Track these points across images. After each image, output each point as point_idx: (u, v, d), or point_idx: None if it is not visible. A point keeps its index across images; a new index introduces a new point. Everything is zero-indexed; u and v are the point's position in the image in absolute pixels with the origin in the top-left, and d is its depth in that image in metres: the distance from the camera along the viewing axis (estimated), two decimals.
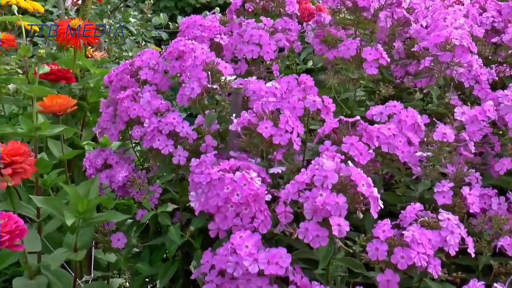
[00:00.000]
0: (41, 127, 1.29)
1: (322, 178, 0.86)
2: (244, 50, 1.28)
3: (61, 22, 1.56)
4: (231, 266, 0.88)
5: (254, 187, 0.93)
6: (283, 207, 0.91)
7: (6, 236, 0.88)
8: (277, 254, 0.88)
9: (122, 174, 1.17)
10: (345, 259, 0.94)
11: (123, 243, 1.18)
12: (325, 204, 0.85)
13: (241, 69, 1.29)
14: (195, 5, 4.61)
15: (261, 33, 1.28)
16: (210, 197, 0.94)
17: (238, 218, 0.94)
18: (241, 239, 0.89)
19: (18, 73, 1.98)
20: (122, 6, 2.60)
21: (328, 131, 1.03)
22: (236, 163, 0.99)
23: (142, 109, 1.14)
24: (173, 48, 1.21)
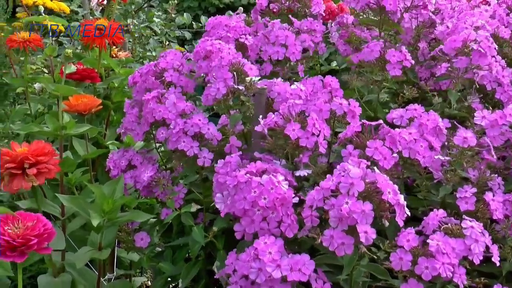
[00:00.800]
0: (67, 126, 1.30)
1: (348, 186, 0.85)
2: (270, 51, 1.27)
3: (87, 22, 1.57)
4: (253, 272, 0.88)
5: (281, 191, 0.92)
6: (309, 211, 0.90)
7: (34, 240, 0.87)
8: (300, 261, 0.88)
9: (147, 174, 1.18)
10: (369, 266, 0.93)
11: (146, 242, 1.19)
12: (351, 212, 0.84)
13: (266, 70, 1.29)
14: (218, 5, 4.62)
15: (287, 34, 1.28)
16: (236, 200, 0.94)
17: (265, 222, 0.93)
18: (265, 245, 0.89)
19: (44, 72, 2.00)
20: (146, 6, 2.61)
21: (351, 135, 1.02)
22: (263, 165, 0.98)
23: (168, 111, 1.14)
24: (200, 48, 1.21)
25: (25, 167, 1.13)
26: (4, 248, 0.87)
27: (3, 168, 1.13)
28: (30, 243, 0.87)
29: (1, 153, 1.16)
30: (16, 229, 0.89)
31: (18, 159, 1.13)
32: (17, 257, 0.87)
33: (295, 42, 1.28)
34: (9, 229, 0.88)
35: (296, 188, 1.01)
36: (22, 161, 1.13)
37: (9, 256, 0.87)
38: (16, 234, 0.87)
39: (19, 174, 1.13)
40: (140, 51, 2.33)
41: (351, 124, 1.04)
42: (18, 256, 0.87)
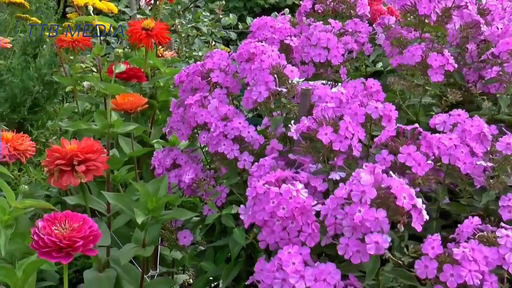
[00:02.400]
0: (114, 124, 1.33)
1: (359, 193, 0.84)
2: (312, 53, 1.27)
3: (134, 22, 1.60)
4: (277, 283, 0.86)
5: (300, 200, 0.91)
6: (333, 219, 0.88)
7: (80, 241, 0.88)
8: (325, 270, 0.86)
9: (189, 176, 1.19)
10: (395, 271, 0.91)
11: (189, 240, 1.20)
12: (364, 220, 0.82)
13: (308, 72, 1.29)
14: (263, 6, 4.62)
15: (328, 37, 1.27)
16: (256, 211, 0.93)
17: (285, 232, 0.92)
18: (288, 255, 0.87)
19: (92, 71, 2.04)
20: (192, 6, 2.63)
21: (385, 140, 1.01)
22: (283, 174, 0.97)
23: (210, 115, 1.15)
24: (243, 50, 1.21)
25: (74, 164, 1.16)
26: (51, 249, 0.88)
27: (53, 165, 1.16)
28: (76, 245, 0.88)
29: (51, 150, 1.19)
30: (62, 229, 0.89)
31: (68, 156, 1.15)
32: (63, 258, 0.88)
33: (337, 44, 1.27)
34: (56, 230, 0.88)
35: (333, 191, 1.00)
36: (71, 158, 1.15)
37: (55, 257, 0.88)
38: (62, 235, 0.88)
39: (68, 171, 1.16)
40: (186, 51, 2.35)
41: (386, 129, 1.02)
42: (64, 257, 0.88)
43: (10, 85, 2.03)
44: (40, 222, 0.90)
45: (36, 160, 1.96)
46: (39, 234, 0.88)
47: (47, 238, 0.87)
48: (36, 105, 2.09)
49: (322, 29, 1.30)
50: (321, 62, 1.27)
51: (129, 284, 1.29)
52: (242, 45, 1.23)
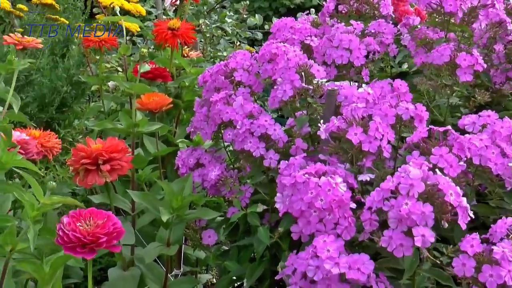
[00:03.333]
0: (139, 124, 1.34)
1: (408, 186, 0.85)
2: (334, 55, 1.26)
3: (160, 22, 1.61)
4: (311, 270, 0.88)
5: (338, 193, 0.92)
6: (369, 214, 0.90)
7: (103, 238, 0.89)
8: (359, 260, 0.87)
9: (214, 173, 1.19)
10: (432, 270, 0.91)
11: (213, 240, 1.20)
12: (410, 213, 0.83)
13: (330, 74, 1.28)
14: (289, 6, 4.62)
15: (350, 38, 1.26)
16: (294, 201, 0.94)
17: (321, 224, 0.93)
18: (324, 243, 0.89)
19: (117, 71, 2.06)
20: (218, 6, 2.64)
21: (417, 140, 1.00)
22: (322, 167, 0.98)
23: (235, 113, 1.15)
24: (265, 50, 1.21)
25: (99, 163, 1.17)
26: (75, 244, 0.89)
27: (79, 164, 1.17)
28: (99, 241, 0.89)
29: (77, 149, 1.20)
30: (87, 226, 0.90)
31: (93, 155, 1.17)
32: (87, 253, 0.89)
33: (359, 46, 1.26)
34: (80, 226, 0.90)
35: (360, 191, 1.00)
36: (96, 157, 1.17)
37: (79, 253, 0.89)
38: (86, 232, 0.89)
39: (94, 170, 1.17)
40: (211, 51, 2.36)
41: (418, 129, 1.02)
42: (88, 253, 0.89)
43: (39, 85, 2.06)
44: (66, 218, 0.91)
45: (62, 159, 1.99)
46: (64, 230, 0.90)
47: (71, 234, 0.89)
48: (64, 105, 2.12)
49: (344, 31, 1.29)
50: (343, 64, 1.27)
51: (153, 282, 1.30)
52: (264, 46, 1.24)
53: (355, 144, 0.97)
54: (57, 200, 0.95)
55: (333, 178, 0.93)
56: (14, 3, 2.26)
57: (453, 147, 0.97)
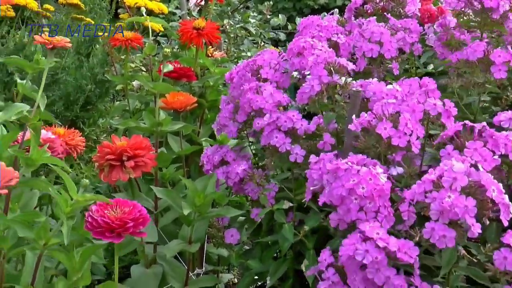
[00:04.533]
0: (162, 122, 1.35)
1: (451, 180, 0.85)
2: (364, 48, 1.26)
3: (185, 22, 1.61)
4: (360, 253, 0.88)
5: (379, 182, 0.92)
6: (407, 205, 0.90)
7: (131, 223, 0.93)
8: (406, 245, 0.88)
9: (241, 168, 1.20)
10: (468, 269, 0.90)
11: (236, 239, 1.20)
12: (453, 205, 0.83)
13: (360, 65, 1.27)
14: (313, 7, 4.61)
15: (382, 31, 1.26)
16: (334, 187, 0.94)
17: (362, 212, 0.93)
18: (371, 228, 0.89)
19: (142, 70, 2.07)
20: (241, 7, 2.65)
21: (452, 134, 1.00)
22: (364, 158, 0.99)
23: (265, 101, 1.15)
24: (293, 45, 1.21)
25: (123, 160, 1.18)
26: (104, 229, 0.94)
27: (104, 160, 1.19)
28: (127, 226, 0.94)
29: (102, 146, 1.21)
30: (114, 213, 0.95)
31: (118, 151, 1.18)
32: (115, 238, 0.94)
33: (390, 39, 1.26)
34: (108, 213, 0.94)
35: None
36: (121, 154, 1.18)
37: (108, 237, 0.94)
38: (114, 217, 0.94)
39: (118, 166, 1.18)
40: (235, 51, 2.36)
41: (449, 125, 1.01)
42: (116, 237, 0.94)
43: (64, 84, 2.08)
44: (94, 207, 0.96)
45: (87, 157, 2.01)
46: (93, 216, 0.95)
47: (100, 219, 0.94)
48: (88, 103, 2.13)
49: (375, 24, 1.29)
50: (372, 58, 1.26)
51: (175, 280, 1.30)
52: (293, 40, 1.24)
53: (384, 139, 0.97)
54: (89, 197, 0.97)
55: (375, 168, 0.94)
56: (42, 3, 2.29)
57: (487, 143, 0.96)
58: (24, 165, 0.99)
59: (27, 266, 1.01)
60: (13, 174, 0.91)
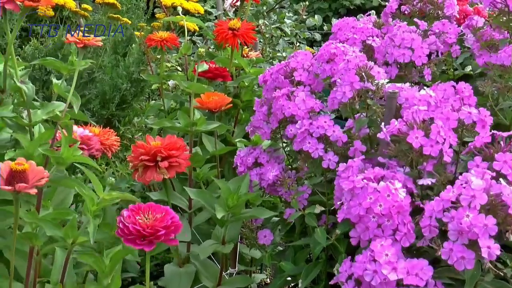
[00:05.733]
0: (197, 122, 1.35)
1: (469, 198, 0.82)
2: (395, 54, 1.24)
3: (221, 22, 1.62)
4: (369, 274, 0.87)
5: (397, 199, 0.90)
6: (428, 221, 0.87)
7: (162, 231, 0.92)
8: (417, 265, 0.86)
9: (273, 173, 1.19)
10: (495, 282, 0.88)
11: (269, 240, 1.20)
12: (472, 226, 0.80)
13: (391, 73, 1.26)
14: (349, 7, 4.58)
15: (413, 37, 1.24)
16: (352, 206, 0.93)
17: (380, 229, 0.92)
18: (381, 247, 0.88)
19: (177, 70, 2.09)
20: (277, 7, 2.64)
21: (480, 146, 0.97)
22: (381, 172, 0.97)
23: (297, 108, 1.15)
24: (324, 51, 1.20)
25: (157, 160, 1.19)
26: (135, 236, 0.92)
27: (138, 160, 1.20)
28: (158, 234, 0.92)
29: (136, 146, 1.22)
30: (146, 219, 0.93)
31: (152, 152, 1.19)
32: (146, 245, 0.92)
33: (422, 45, 1.24)
34: (139, 219, 0.93)
35: (420, 196, 0.98)
36: (155, 154, 1.19)
37: (139, 244, 0.92)
38: (146, 224, 0.92)
39: (152, 166, 1.19)
40: (270, 51, 2.36)
41: (481, 134, 0.98)
42: (147, 245, 0.92)
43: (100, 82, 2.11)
44: (126, 212, 0.94)
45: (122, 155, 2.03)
46: (124, 223, 0.93)
47: (131, 226, 0.92)
48: (124, 102, 2.16)
49: (406, 30, 1.27)
50: (404, 63, 1.25)
51: (208, 280, 1.31)
52: (323, 46, 1.23)
53: (415, 148, 0.95)
54: (116, 195, 0.97)
55: (392, 183, 0.92)
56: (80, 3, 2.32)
57: None
58: (55, 164, 1.01)
59: (56, 264, 1.03)
60: (43, 173, 0.91)
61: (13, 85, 1.04)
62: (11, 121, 1.08)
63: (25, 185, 0.87)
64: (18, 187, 0.87)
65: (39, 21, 2.32)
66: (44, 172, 0.92)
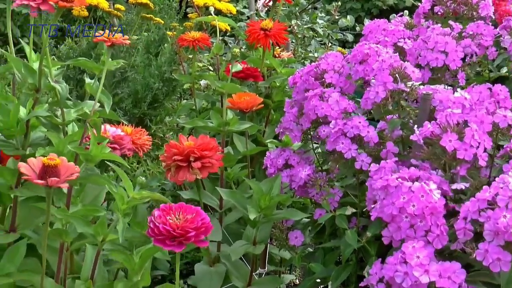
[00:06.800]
0: (230, 122, 1.36)
1: (506, 199, 0.81)
2: (428, 57, 1.22)
3: (253, 23, 1.62)
4: (399, 276, 0.86)
5: (431, 200, 0.89)
6: (463, 223, 0.86)
7: (192, 232, 0.91)
8: (450, 268, 0.84)
9: (304, 173, 1.19)
10: None
11: (300, 241, 1.20)
12: (509, 226, 0.79)
13: (424, 77, 1.25)
14: (381, 7, 4.55)
15: (447, 40, 1.22)
16: (385, 205, 0.92)
17: (412, 230, 0.91)
18: (413, 249, 0.87)
19: (209, 70, 2.10)
20: (309, 7, 2.64)
21: None
22: (416, 172, 0.96)
23: (330, 109, 1.14)
24: (357, 51, 1.19)
25: (190, 160, 1.19)
26: (165, 237, 0.92)
27: (171, 160, 1.20)
28: (188, 235, 0.91)
29: (169, 146, 1.23)
30: (176, 219, 0.93)
31: (185, 152, 1.19)
32: (176, 246, 0.92)
33: (456, 48, 1.22)
34: (170, 219, 0.92)
35: (453, 199, 0.97)
36: (188, 155, 1.19)
37: (169, 245, 0.92)
38: (176, 225, 0.92)
39: (185, 167, 1.20)
40: (302, 52, 2.36)
41: None
42: (177, 246, 0.92)
43: (133, 82, 2.13)
44: (156, 212, 0.94)
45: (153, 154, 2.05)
46: (155, 223, 0.93)
47: (162, 227, 0.92)
48: (156, 101, 2.18)
49: (440, 32, 1.25)
50: (438, 67, 1.23)
51: (238, 280, 1.31)
52: (356, 47, 1.22)
53: (449, 151, 0.94)
54: (146, 194, 0.98)
55: (427, 184, 0.91)
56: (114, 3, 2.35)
57: None
58: (84, 161, 1.02)
59: (87, 260, 1.05)
60: (74, 169, 0.92)
61: (48, 85, 1.05)
62: (46, 120, 1.09)
63: (57, 180, 0.88)
64: (51, 181, 0.88)
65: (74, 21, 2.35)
66: (75, 168, 0.93)
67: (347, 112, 1.16)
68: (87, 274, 1.03)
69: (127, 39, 1.10)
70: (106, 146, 1.03)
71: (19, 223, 1.08)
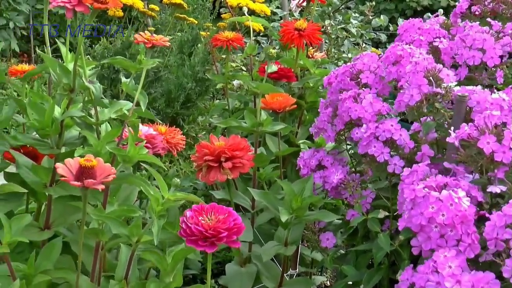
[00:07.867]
0: (263, 123, 1.35)
1: None
2: (465, 55, 1.20)
3: (286, 23, 1.61)
4: (431, 286, 0.84)
5: (461, 208, 0.87)
6: (494, 233, 0.84)
7: (224, 233, 0.91)
8: (483, 279, 0.82)
9: (337, 176, 1.18)
10: None
11: (332, 243, 1.19)
12: None
13: (460, 74, 1.22)
14: (415, 8, 4.50)
15: (485, 37, 1.20)
16: (413, 215, 0.90)
17: (443, 240, 0.89)
18: (444, 258, 0.85)
19: (242, 70, 2.10)
20: (343, 7, 2.62)
21: None
22: (443, 179, 0.94)
23: (364, 110, 1.13)
24: (390, 53, 1.18)
25: (221, 161, 1.20)
26: (197, 237, 0.92)
27: (202, 160, 1.21)
28: (220, 236, 0.92)
29: (200, 146, 1.23)
30: (208, 220, 0.93)
31: (216, 152, 1.19)
32: (208, 247, 0.92)
33: (494, 45, 1.20)
34: (202, 220, 0.93)
35: (489, 204, 0.95)
36: (219, 155, 1.19)
37: (201, 246, 0.92)
38: (208, 226, 0.92)
39: (216, 167, 1.20)
40: (335, 52, 2.34)
41: None
42: (209, 246, 0.92)
43: (166, 81, 2.14)
44: (189, 212, 0.95)
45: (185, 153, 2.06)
46: (187, 223, 0.93)
47: (194, 227, 0.92)
48: (189, 101, 2.19)
49: (478, 30, 1.23)
50: (475, 65, 1.21)
51: (269, 281, 1.31)
52: (389, 48, 1.21)
53: (486, 154, 0.92)
54: (180, 196, 0.98)
55: (455, 192, 0.89)
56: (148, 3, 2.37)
57: None
58: (121, 162, 1.03)
59: (121, 260, 1.05)
60: (110, 170, 0.93)
61: (82, 85, 1.06)
62: (80, 120, 1.10)
63: (93, 181, 0.89)
64: (87, 183, 0.88)
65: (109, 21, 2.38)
66: (111, 169, 0.93)
67: (381, 114, 1.14)
68: (121, 274, 1.04)
69: (167, 41, 1.11)
70: (143, 147, 1.04)
71: (53, 221, 1.10)
